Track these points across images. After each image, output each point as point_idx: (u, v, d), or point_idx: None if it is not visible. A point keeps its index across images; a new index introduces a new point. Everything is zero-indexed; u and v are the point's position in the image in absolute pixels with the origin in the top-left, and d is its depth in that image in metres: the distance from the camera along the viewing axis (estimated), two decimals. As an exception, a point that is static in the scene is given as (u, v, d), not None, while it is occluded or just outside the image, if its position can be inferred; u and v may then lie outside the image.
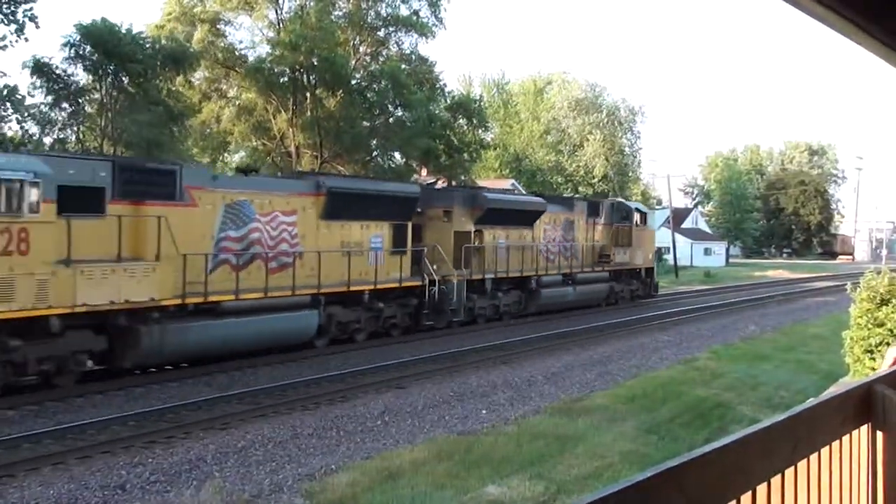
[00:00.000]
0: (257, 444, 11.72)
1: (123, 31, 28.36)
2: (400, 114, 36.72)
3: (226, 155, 40.77)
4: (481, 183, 40.97)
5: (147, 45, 29.35)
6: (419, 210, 22.93)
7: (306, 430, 12.51)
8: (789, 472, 2.49)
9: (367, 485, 9.95)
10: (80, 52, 27.92)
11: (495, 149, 56.21)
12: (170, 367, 16.51)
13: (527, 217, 26.56)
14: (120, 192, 14.91)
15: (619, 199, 36.99)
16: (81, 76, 28.65)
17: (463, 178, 38.39)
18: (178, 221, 15.69)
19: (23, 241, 13.14)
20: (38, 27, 26.18)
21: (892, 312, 12.70)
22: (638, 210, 34.27)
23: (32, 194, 13.26)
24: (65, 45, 27.62)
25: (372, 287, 20.50)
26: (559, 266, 28.20)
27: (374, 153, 38.00)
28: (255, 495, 9.80)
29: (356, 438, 12.28)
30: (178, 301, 15.72)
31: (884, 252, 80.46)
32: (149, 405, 13.56)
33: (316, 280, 18.70)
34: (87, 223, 14.19)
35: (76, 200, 14.04)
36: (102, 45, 27.35)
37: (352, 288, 19.94)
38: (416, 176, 38.12)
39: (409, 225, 22.07)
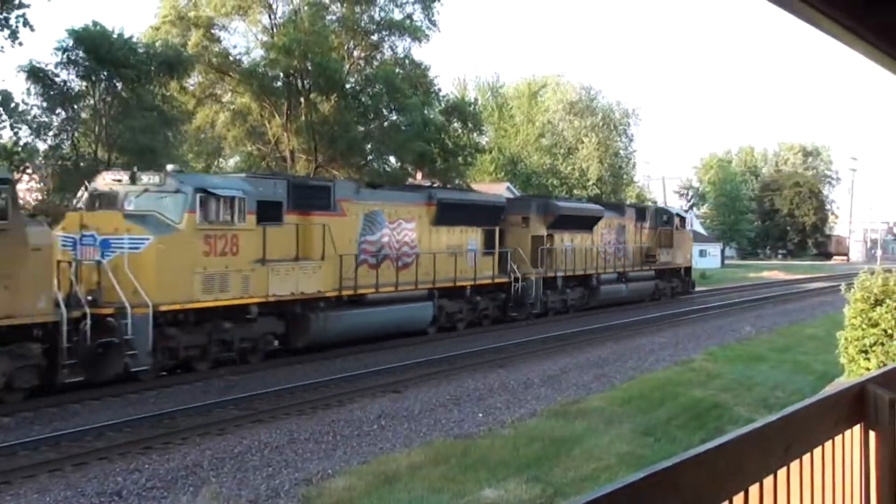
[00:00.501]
0: (254, 450, 11.70)
1: (115, 35, 28.18)
2: (395, 118, 36.70)
3: (220, 160, 40.72)
4: (476, 187, 40.97)
5: (140, 50, 29.23)
6: (502, 217, 26.46)
7: (303, 435, 12.50)
8: (782, 472, 2.50)
9: (363, 489, 9.95)
10: (73, 58, 27.76)
11: (490, 152, 56.19)
12: (172, 372, 16.52)
13: (588, 222, 30.46)
14: (293, 205, 18.51)
15: (662, 206, 40.78)
16: (75, 82, 28.52)
17: (458, 181, 38.38)
18: (334, 228, 19.26)
19: (234, 244, 16.86)
20: (32, 30, 25.92)
21: (887, 313, 12.73)
22: (678, 215, 38.17)
23: (242, 207, 17.02)
24: (57, 49, 27.48)
25: (472, 283, 24.52)
26: (614, 265, 32.12)
27: (370, 157, 37.99)
28: (252, 501, 9.79)
29: (353, 443, 12.27)
30: (337, 293, 19.53)
31: (878, 252, 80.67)
32: (145, 411, 13.54)
33: (431, 276, 22.54)
34: (274, 230, 17.77)
35: (267, 212, 17.66)
36: (95, 50, 27.18)
37: (457, 283, 23.80)
38: (411, 180, 38.10)
39: (497, 230, 25.76)
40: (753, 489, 2.35)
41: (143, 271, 14.99)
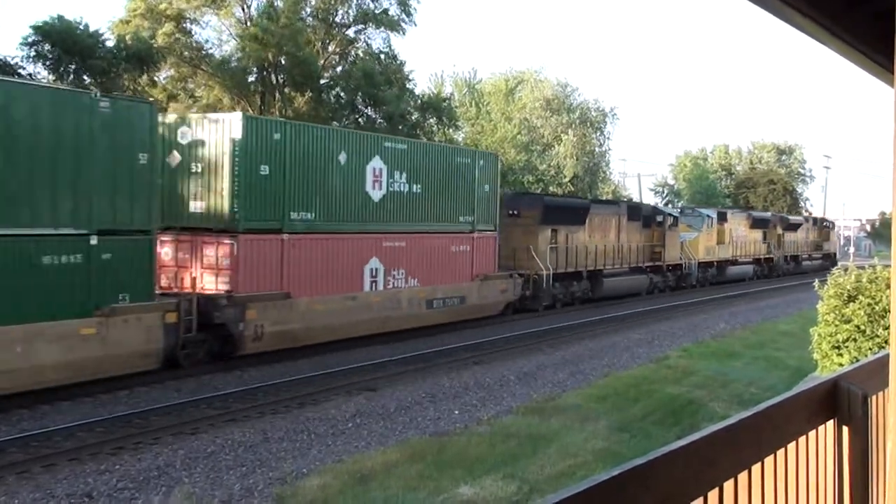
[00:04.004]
0: (227, 449, 11.59)
1: (81, 27, 27.67)
2: (370, 112, 36.49)
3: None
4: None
5: (109, 42, 28.77)
6: (767, 223, 50.30)
7: (277, 434, 12.41)
8: (756, 467, 2.49)
9: (338, 488, 9.88)
10: (40, 51, 27.26)
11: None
12: (140, 373, 16.27)
13: (796, 227, 54.67)
14: (718, 220, 42.64)
15: (822, 216, 66.71)
16: (43, 76, 27.96)
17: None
18: (730, 230, 44.02)
19: (713, 238, 42.87)
20: None
21: (859, 309, 12.82)
22: (832, 222, 64.68)
23: (715, 222, 43.23)
24: (23, 44, 26.97)
25: (760, 257, 48.94)
26: (805, 250, 56.76)
27: (345, 153, 37.73)
28: (226, 500, 9.70)
29: (327, 441, 12.20)
30: (731, 259, 44.40)
31: (851, 249, 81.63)
32: (116, 411, 13.36)
33: (751, 253, 47.26)
34: (716, 231, 42.98)
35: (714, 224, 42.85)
36: (61, 43, 26.70)
37: (757, 257, 48.37)
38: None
39: (766, 231, 49.49)
40: (728, 485, 2.33)
41: (693, 248, 39.08)
